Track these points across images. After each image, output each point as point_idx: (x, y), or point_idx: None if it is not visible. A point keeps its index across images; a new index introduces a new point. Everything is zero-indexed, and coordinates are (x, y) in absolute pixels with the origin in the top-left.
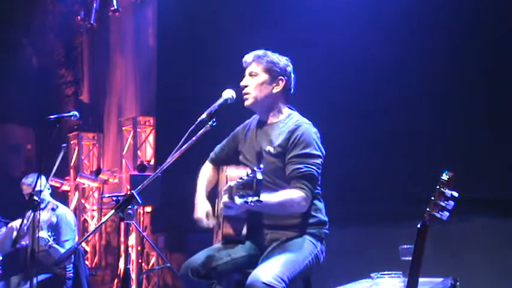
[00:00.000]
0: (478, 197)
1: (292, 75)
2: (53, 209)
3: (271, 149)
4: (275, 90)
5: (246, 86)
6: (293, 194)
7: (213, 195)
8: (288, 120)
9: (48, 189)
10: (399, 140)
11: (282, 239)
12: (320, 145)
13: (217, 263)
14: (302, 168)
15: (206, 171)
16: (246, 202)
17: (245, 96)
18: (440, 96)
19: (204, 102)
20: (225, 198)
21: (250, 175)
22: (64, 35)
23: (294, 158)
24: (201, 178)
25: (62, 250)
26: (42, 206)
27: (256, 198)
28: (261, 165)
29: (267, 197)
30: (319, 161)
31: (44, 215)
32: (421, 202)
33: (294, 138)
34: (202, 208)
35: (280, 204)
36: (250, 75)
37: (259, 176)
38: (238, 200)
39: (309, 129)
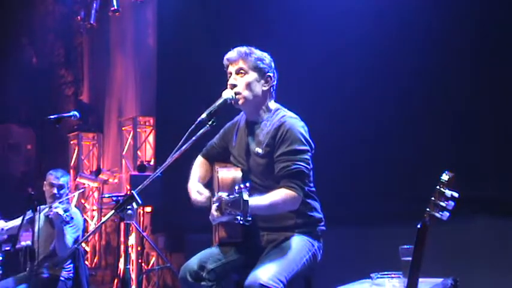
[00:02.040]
0: (478, 197)
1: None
2: (68, 203)
3: (260, 150)
4: (264, 88)
5: (234, 86)
6: (283, 194)
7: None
8: (273, 116)
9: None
10: (399, 140)
11: (278, 240)
12: (308, 138)
13: (215, 265)
14: (290, 166)
15: (199, 164)
16: (236, 219)
17: (236, 96)
18: (441, 96)
19: (204, 102)
20: (213, 210)
21: (237, 194)
22: (64, 35)
23: (282, 155)
24: (194, 170)
25: (67, 239)
26: (58, 201)
27: (244, 218)
28: (247, 184)
29: (257, 200)
30: (307, 155)
31: (59, 205)
32: (421, 202)
33: (280, 135)
34: (195, 189)
35: (271, 206)
36: (238, 73)
37: (245, 196)
38: (227, 216)
39: (294, 123)
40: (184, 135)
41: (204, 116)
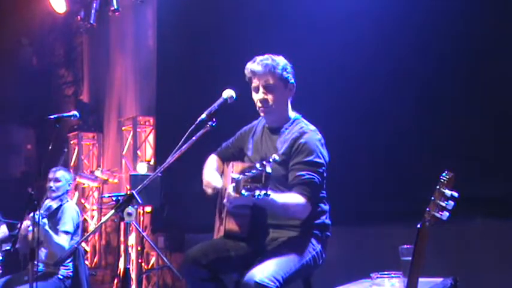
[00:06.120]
0: (478, 197)
1: None
2: (61, 200)
3: (276, 157)
4: (288, 97)
5: (264, 100)
6: (296, 198)
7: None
8: (292, 126)
9: (69, 185)
10: (399, 140)
11: (282, 238)
12: (324, 152)
13: (218, 255)
14: (304, 176)
15: (213, 161)
16: (253, 195)
17: (265, 109)
18: (441, 97)
19: (204, 102)
20: (230, 190)
21: (260, 168)
22: (64, 35)
23: (297, 164)
24: (208, 164)
25: (56, 237)
26: (54, 195)
27: (264, 192)
28: (271, 159)
29: (273, 196)
30: (321, 169)
31: (51, 202)
32: (421, 202)
33: (297, 145)
34: (210, 173)
35: (283, 206)
36: (266, 88)
37: (268, 169)
38: (245, 193)
39: (312, 136)
40: (184, 135)
41: (204, 116)
